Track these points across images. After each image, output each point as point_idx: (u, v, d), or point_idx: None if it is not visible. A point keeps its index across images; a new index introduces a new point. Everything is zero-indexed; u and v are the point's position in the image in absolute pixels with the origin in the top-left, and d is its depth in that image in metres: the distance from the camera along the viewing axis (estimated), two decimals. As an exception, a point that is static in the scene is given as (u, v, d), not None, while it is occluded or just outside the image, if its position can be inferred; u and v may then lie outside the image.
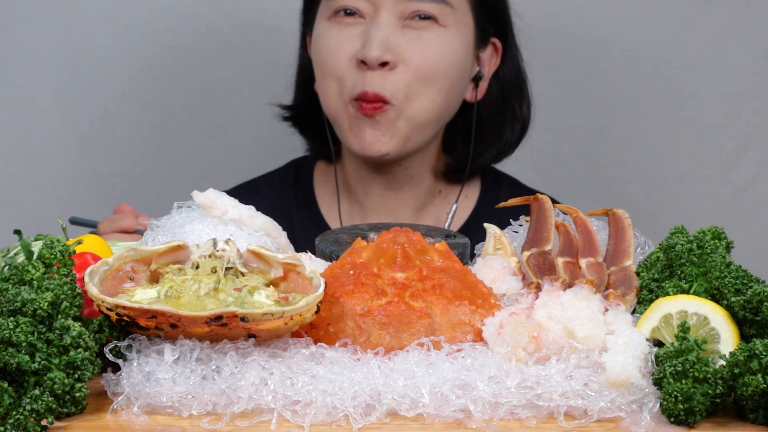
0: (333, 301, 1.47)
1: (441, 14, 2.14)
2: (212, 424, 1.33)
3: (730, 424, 1.36)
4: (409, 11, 2.13)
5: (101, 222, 2.04)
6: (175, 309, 1.38)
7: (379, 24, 2.12)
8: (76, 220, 2.08)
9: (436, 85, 2.15)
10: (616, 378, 1.37)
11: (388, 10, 2.12)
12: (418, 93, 2.13)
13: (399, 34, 2.13)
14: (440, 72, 2.14)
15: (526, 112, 2.30)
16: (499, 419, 1.35)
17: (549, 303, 1.47)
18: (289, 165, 2.38)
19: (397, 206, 2.27)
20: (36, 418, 1.30)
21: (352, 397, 1.35)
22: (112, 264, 1.47)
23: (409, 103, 2.13)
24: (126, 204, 2.08)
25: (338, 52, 2.15)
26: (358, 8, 2.14)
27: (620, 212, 1.73)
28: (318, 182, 2.33)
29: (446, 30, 2.15)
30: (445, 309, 1.47)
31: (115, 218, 2.04)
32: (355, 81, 2.13)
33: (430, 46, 2.13)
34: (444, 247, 1.56)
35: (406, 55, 2.12)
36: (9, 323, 1.34)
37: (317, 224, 2.26)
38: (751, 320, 1.45)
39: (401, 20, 2.13)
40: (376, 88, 2.11)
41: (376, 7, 2.13)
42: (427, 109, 2.15)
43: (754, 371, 1.33)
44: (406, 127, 2.15)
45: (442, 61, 2.14)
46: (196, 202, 1.76)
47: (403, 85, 2.12)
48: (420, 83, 2.13)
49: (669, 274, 1.56)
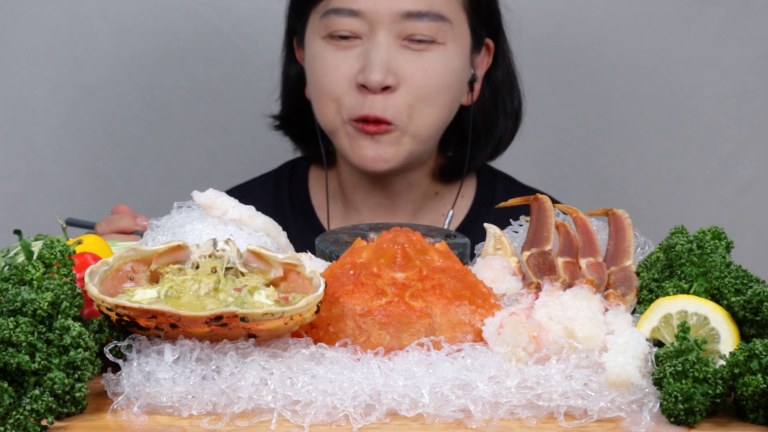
0: (333, 301, 1.47)
1: (439, 32, 2.09)
2: (212, 424, 1.33)
3: (730, 424, 1.36)
4: (408, 31, 2.08)
5: (99, 223, 2.03)
6: (175, 309, 1.38)
7: (378, 46, 2.07)
8: (73, 221, 2.06)
9: (439, 103, 2.12)
10: (616, 378, 1.37)
11: (386, 30, 2.08)
12: (421, 112, 2.11)
13: (398, 55, 2.09)
14: (442, 90, 2.11)
15: (518, 106, 2.27)
16: (499, 419, 1.35)
17: (549, 303, 1.47)
18: (283, 167, 2.35)
19: (393, 211, 2.25)
20: (36, 418, 1.30)
21: (352, 397, 1.35)
22: (112, 264, 1.47)
23: (413, 122, 2.11)
24: (124, 205, 2.07)
25: (336, 74, 2.10)
26: (354, 30, 2.09)
27: (620, 212, 1.73)
28: (313, 185, 2.30)
29: (445, 47, 2.11)
30: (445, 309, 1.47)
31: (113, 219, 2.03)
32: (355, 103, 2.09)
33: (431, 66, 2.10)
34: (444, 247, 1.56)
35: (408, 77, 2.08)
36: (9, 323, 1.34)
37: (312, 227, 2.24)
38: (751, 320, 1.45)
39: (399, 40, 2.09)
40: (377, 112, 2.08)
41: (372, 27, 2.08)
42: (431, 126, 2.13)
43: (754, 371, 1.33)
44: (410, 144, 2.12)
45: (444, 79, 2.11)
46: (196, 202, 1.76)
47: (406, 107, 2.09)
48: (423, 103, 2.10)
49: (669, 274, 1.56)
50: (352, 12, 2.08)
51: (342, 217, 2.27)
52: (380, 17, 2.07)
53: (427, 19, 2.08)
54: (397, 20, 2.07)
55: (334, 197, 2.27)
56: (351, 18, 2.08)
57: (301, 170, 2.32)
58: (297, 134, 2.30)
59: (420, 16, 2.08)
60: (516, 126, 2.28)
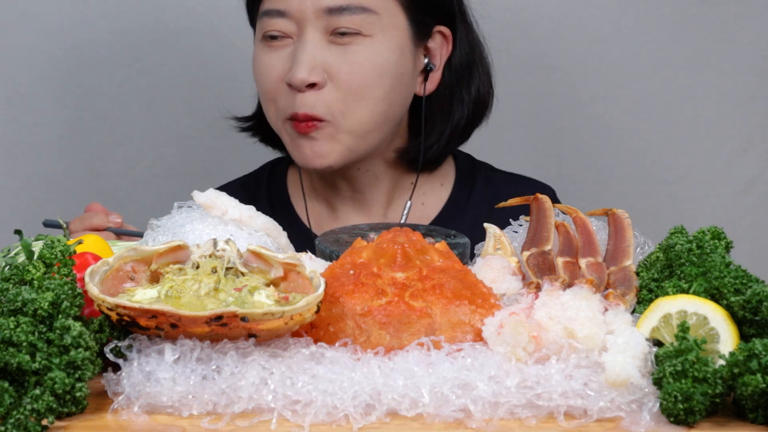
0: (333, 301, 1.47)
1: (365, 24, 2.09)
2: (212, 423, 1.33)
3: (730, 424, 1.36)
4: (333, 26, 2.09)
5: (72, 221, 2.03)
6: (176, 309, 1.38)
7: (304, 44, 2.09)
8: (50, 222, 2.06)
9: (371, 97, 2.11)
10: (616, 378, 1.37)
11: (313, 27, 2.09)
12: (353, 108, 2.11)
13: (326, 51, 2.09)
14: (372, 84, 2.11)
15: (479, 93, 2.25)
16: (499, 419, 1.35)
17: (549, 303, 1.47)
18: (264, 167, 2.38)
19: (366, 206, 2.26)
20: (36, 418, 1.31)
21: (352, 397, 1.35)
22: (113, 264, 1.47)
23: (345, 117, 2.11)
24: (97, 203, 2.07)
25: (270, 75, 2.13)
26: (284, 30, 2.11)
27: (620, 212, 1.73)
28: (291, 183, 2.33)
29: (372, 39, 2.10)
30: (445, 309, 1.47)
31: (86, 216, 2.03)
32: (287, 102, 2.11)
33: (357, 60, 2.09)
34: (444, 247, 1.56)
35: (335, 72, 2.09)
36: (9, 323, 1.34)
37: (292, 225, 2.21)
38: (750, 320, 1.45)
39: (327, 36, 2.09)
40: (306, 109, 2.09)
41: (300, 26, 2.10)
42: (366, 121, 2.12)
43: (754, 371, 1.33)
44: (347, 139, 2.12)
45: (372, 73, 2.10)
46: (196, 202, 1.77)
47: (336, 102, 2.09)
48: (353, 98, 2.10)
49: (669, 274, 1.56)
50: (279, 12, 2.11)
51: (319, 215, 2.29)
52: (305, 15, 2.09)
53: (349, 12, 2.09)
54: (321, 16, 2.09)
55: (311, 195, 2.30)
56: (279, 18, 2.11)
57: (281, 170, 2.35)
58: (263, 134, 2.33)
59: (342, 11, 2.09)
60: (478, 113, 2.26)
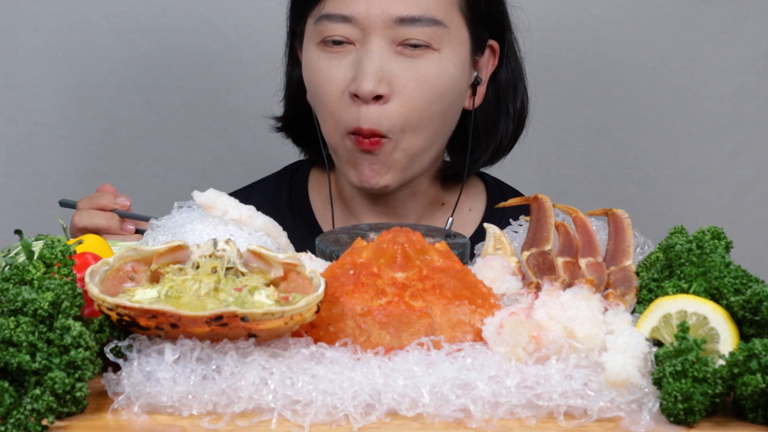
0: (333, 301, 1.47)
1: (434, 38, 2.03)
2: (212, 423, 1.33)
3: (730, 424, 1.36)
4: (402, 37, 2.02)
5: (81, 199, 2.02)
6: (176, 309, 1.38)
7: (370, 53, 2.01)
8: (66, 202, 2.09)
9: (433, 115, 2.05)
10: (616, 378, 1.37)
11: (379, 36, 2.01)
12: (414, 125, 2.04)
13: (392, 62, 2.02)
14: (437, 100, 2.04)
15: (521, 107, 2.21)
16: (499, 419, 1.35)
17: (549, 303, 1.47)
18: (284, 171, 2.32)
19: (396, 220, 2.19)
20: (37, 418, 1.31)
21: (352, 397, 1.35)
22: (113, 264, 1.47)
23: (405, 135, 2.04)
24: (108, 184, 2.05)
25: (330, 85, 2.05)
26: (347, 36, 2.03)
27: (620, 212, 1.73)
28: (313, 189, 2.26)
29: (441, 54, 2.04)
30: (445, 309, 1.47)
31: (95, 196, 2.01)
32: (350, 115, 2.03)
33: (425, 76, 2.03)
34: (444, 247, 1.56)
35: (401, 87, 2.02)
36: (10, 323, 1.34)
37: (312, 232, 2.19)
38: (750, 320, 1.45)
39: (393, 45, 2.02)
40: (371, 124, 2.02)
41: (365, 33, 2.02)
42: (423, 140, 2.07)
43: (754, 371, 1.33)
44: (403, 158, 2.06)
45: (439, 89, 2.04)
46: (196, 202, 1.77)
47: (400, 119, 2.02)
48: (416, 116, 2.03)
49: (668, 274, 1.56)
50: (344, 18, 2.03)
51: (342, 222, 2.23)
52: (373, 23, 2.02)
53: (420, 23, 2.02)
54: (390, 26, 2.02)
55: (334, 202, 2.23)
56: (343, 24, 2.03)
57: (302, 174, 2.28)
58: (299, 136, 2.27)
59: (414, 21, 2.02)
60: (518, 129, 2.22)
